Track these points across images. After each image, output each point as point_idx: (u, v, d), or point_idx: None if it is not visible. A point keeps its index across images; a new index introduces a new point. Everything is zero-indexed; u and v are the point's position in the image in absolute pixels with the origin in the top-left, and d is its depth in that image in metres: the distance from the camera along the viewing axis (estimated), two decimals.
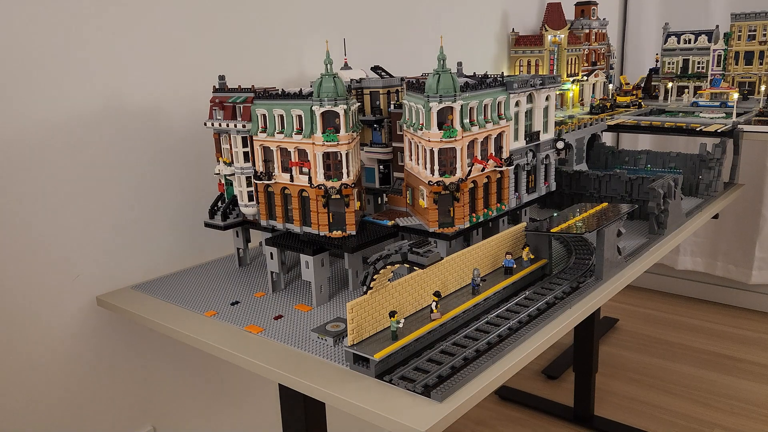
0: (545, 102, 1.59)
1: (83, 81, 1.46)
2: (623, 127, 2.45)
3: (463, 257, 1.26)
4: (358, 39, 2.10)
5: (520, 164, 1.55)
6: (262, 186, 1.42)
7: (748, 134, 2.22)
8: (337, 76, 1.28)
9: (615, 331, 3.46)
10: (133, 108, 1.56)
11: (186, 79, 1.66)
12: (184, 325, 1.29)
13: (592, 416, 2.66)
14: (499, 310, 1.22)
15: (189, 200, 1.71)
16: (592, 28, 2.92)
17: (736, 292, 3.71)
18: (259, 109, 1.36)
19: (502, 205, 1.48)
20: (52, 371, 1.48)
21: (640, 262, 1.53)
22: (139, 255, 1.62)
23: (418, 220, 1.41)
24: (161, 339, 1.68)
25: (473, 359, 1.06)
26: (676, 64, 3.06)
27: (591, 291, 1.35)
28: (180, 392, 1.76)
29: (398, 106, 1.52)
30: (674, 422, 2.64)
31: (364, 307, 1.07)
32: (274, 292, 1.44)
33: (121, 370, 1.61)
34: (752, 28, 2.80)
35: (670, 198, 1.68)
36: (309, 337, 1.20)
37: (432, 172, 1.30)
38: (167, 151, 1.65)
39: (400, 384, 1.00)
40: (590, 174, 1.91)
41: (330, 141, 1.28)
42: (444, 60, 1.28)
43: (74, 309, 1.50)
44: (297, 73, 1.96)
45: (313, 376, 1.06)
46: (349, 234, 1.34)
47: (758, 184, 3.46)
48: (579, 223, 1.37)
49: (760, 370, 3.02)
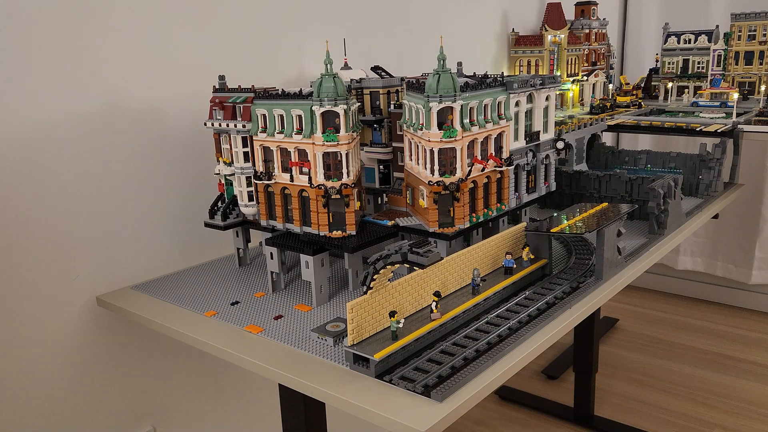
0: (545, 102, 1.59)
1: (83, 81, 1.46)
2: (623, 127, 2.45)
3: (463, 257, 1.26)
4: (358, 39, 2.10)
5: (520, 164, 1.55)
6: (262, 186, 1.42)
7: (748, 134, 2.22)
8: (337, 76, 1.28)
9: (615, 331, 3.46)
10: (133, 108, 1.56)
11: (186, 79, 1.66)
12: (184, 325, 1.29)
13: (592, 416, 2.66)
14: (499, 310, 1.22)
15: (189, 200, 1.71)
16: (592, 28, 2.92)
17: (736, 292, 3.71)
18: (259, 109, 1.36)
19: (502, 205, 1.48)
20: (52, 371, 1.48)
21: (640, 262, 1.53)
22: (139, 255, 1.62)
23: (418, 220, 1.41)
24: (161, 339, 1.68)
25: (473, 359, 1.06)
26: (676, 64, 3.06)
27: (591, 291, 1.35)
28: (180, 392, 1.76)
29: (398, 106, 1.52)
30: (674, 422, 2.64)
31: (364, 307, 1.07)
32: (274, 292, 1.44)
33: (121, 370, 1.61)
34: (752, 28, 2.80)
35: (670, 198, 1.68)
36: (309, 337, 1.20)
37: (432, 172, 1.30)
38: (167, 151, 1.65)
39: (400, 384, 1.00)
40: (590, 174, 1.91)
41: (330, 141, 1.28)
42: (444, 60, 1.28)
43: (74, 309, 1.50)
44: (297, 73, 1.96)
45: (313, 376, 1.06)
46: (349, 234, 1.34)
47: (758, 184, 3.46)
48: (579, 223, 1.37)
49: (760, 370, 3.02)
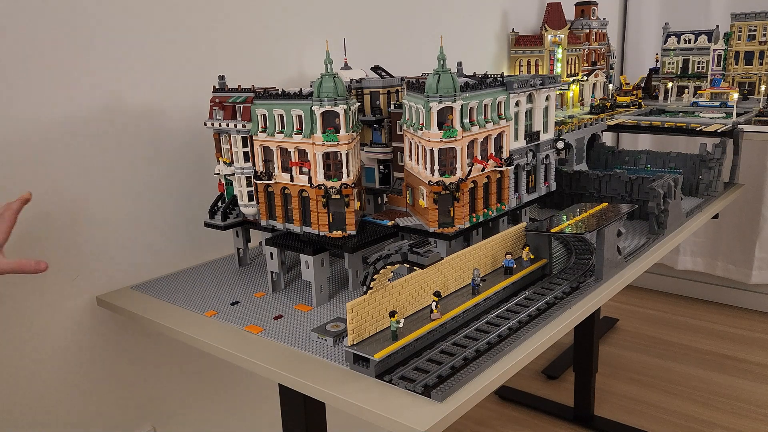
0: (545, 102, 1.59)
1: (83, 81, 1.46)
2: (623, 127, 2.45)
3: (463, 257, 1.26)
4: (358, 39, 2.10)
5: (520, 164, 1.55)
6: (262, 186, 1.42)
7: (748, 134, 2.22)
8: (337, 76, 1.28)
9: (615, 331, 3.46)
10: (133, 108, 1.56)
11: (186, 79, 1.66)
12: (184, 325, 1.29)
13: (592, 416, 2.66)
14: (499, 310, 1.22)
15: (189, 200, 1.71)
16: (592, 28, 2.92)
17: (736, 292, 3.71)
18: (259, 109, 1.36)
19: (502, 205, 1.48)
20: (52, 371, 1.48)
21: (640, 262, 1.53)
22: (139, 255, 1.62)
23: (418, 220, 1.41)
24: (161, 339, 1.68)
25: (473, 359, 1.06)
26: (676, 64, 3.06)
27: (591, 291, 1.35)
28: (180, 392, 1.76)
29: (398, 106, 1.52)
30: (674, 422, 2.63)
31: (364, 307, 1.07)
32: (274, 292, 1.44)
33: (121, 370, 1.61)
34: (752, 28, 2.80)
35: (670, 198, 1.68)
36: (309, 337, 1.20)
37: (432, 172, 1.30)
38: (167, 150, 1.65)
39: (400, 384, 1.00)
40: (590, 174, 1.91)
41: (330, 141, 1.28)
42: (444, 60, 1.28)
43: (74, 309, 1.50)
44: (297, 73, 1.96)
45: (313, 376, 1.06)
46: (349, 234, 1.34)
47: (758, 184, 3.46)
48: (579, 223, 1.37)
49: (760, 370, 3.02)
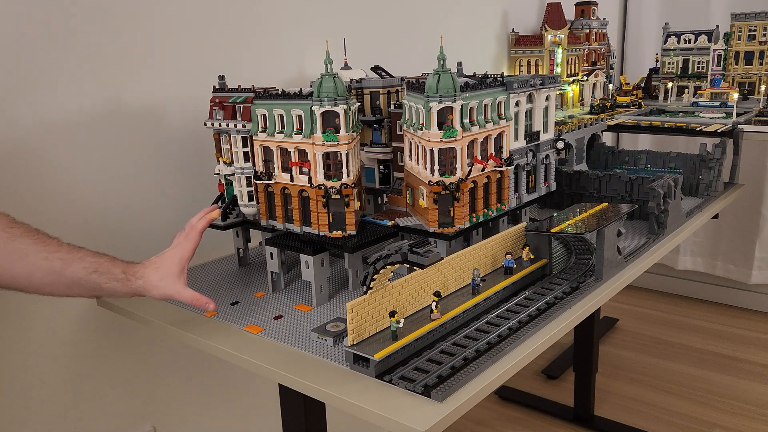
0: (545, 102, 1.59)
1: (83, 81, 1.46)
2: (623, 127, 2.45)
3: (463, 257, 1.26)
4: (358, 39, 2.10)
5: (520, 164, 1.55)
6: (262, 186, 1.42)
7: (748, 134, 2.22)
8: (337, 76, 1.28)
9: (615, 331, 3.46)
10: (133, 108, 1.56)
11: (186, 79, 1.66)
12: (184, 325, 1.29)
13: (592, 416, 2.66)
14: (499, 310, 1.22)
15: (189, 200, 1.71)
16: (592, 28, 2.92)
17: (736, 292, 3.71)
18: (259, 109, 1.36)
19: (502, 205, 1.48)
20: (52, 371, 1.48)
21: (640, 262, 1.53)
22: (139, 255, 1.61)
23: (418, 220, 1.41)
24: (161, 339, 1.68)
25: (473, 359, 1.05)
26: (676, 64, 3.06)
27: (591, 291, 1.35)
28: (180, 392, 1.76)
29: (398, 106, 1.52)
30: (674, 422, 2.63)
31: (364, 307, 1.06)
32: (274, 292, 1.44)
33: (121, 370, 1.61)
34: (752, 28, 2.80)
35: (670, 198, 1.68)
36: (309, 337, 1.20)
37: (432, 172, 1.30)
38: (167, 150, 1.65)
39: (400, 384, 1.00)
40: (590, 174, 1.91)
41: (330, 141, 1.28)
42: (444, 60, 1.28)
43: (74, 309, 1.50)
44: (297, 73, 1.96)
45: (313, 376, 1.06)
46: (349, 234, 1.34)
47: (758, 184, 3.46)
48: (579, 223, 1.37)
49: (760, 370, 3.02)
